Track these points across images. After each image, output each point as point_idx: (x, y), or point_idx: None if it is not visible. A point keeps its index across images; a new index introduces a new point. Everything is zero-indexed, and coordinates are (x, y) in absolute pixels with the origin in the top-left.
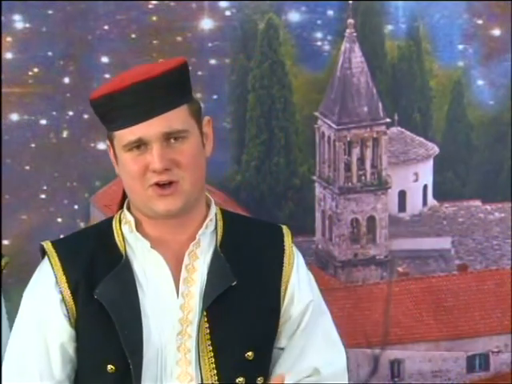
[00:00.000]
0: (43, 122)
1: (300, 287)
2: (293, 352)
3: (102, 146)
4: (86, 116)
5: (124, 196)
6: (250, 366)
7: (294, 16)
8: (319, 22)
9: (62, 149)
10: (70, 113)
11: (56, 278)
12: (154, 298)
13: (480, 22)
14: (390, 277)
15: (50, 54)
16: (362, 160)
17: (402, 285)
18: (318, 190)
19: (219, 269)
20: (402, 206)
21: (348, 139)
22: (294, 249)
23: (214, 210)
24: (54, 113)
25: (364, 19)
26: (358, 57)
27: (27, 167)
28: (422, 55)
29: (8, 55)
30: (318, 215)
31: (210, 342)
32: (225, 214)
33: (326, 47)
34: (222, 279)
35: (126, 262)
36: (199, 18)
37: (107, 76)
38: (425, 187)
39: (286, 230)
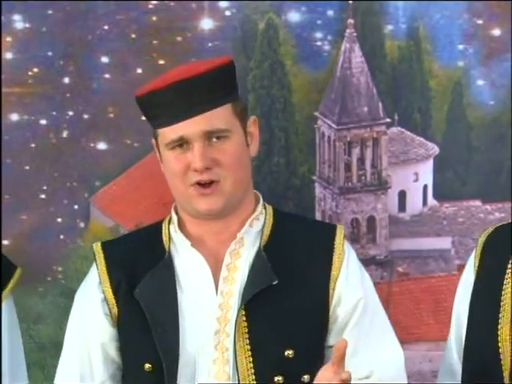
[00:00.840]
0: (43, 122)
1: (348, 286)
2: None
3: (101, 145)
4: (85, 116)
5: None
6: (289, 364)
7: (294, 16)
8: (319, 21)
9: (62, 149)
10: (70, 113)
11: (100, 278)
12: (192, 297)
13: (480, 21)
14: (390, 277)
15: (49, 53)
16: (362, 160)
17: (401, 285)
18: (318, 190)
19: (261, 268)
20: (402, 206)
21: (348, 139)
22: (346, 247)
23: (259, 209)
24: (54, 113)
25: (364, 19)
26: (358, 57)
27: (27, 167)
28: (421, 55)
29: (8, 55)
30: (318, 215)
31: (248, 341)
32: (277, 213)
33: (326, 47)
34: (263, 278)
35: (169, 259)
36: (199, 18)
37: (107, 76)
38: (425, 187)
39: (340, 228)
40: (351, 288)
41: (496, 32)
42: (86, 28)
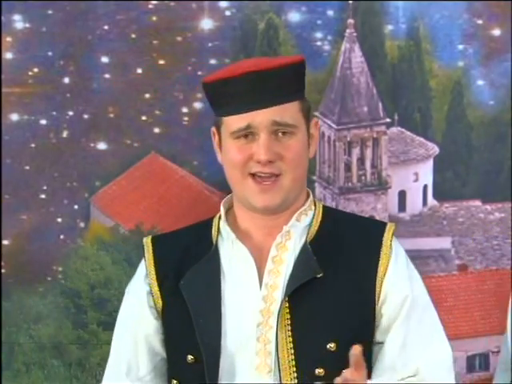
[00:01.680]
0: (43, 122)
1: (395, 283)
2: (392, 349)
3: (101, 145)
4: (86, 116)
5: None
6: (331, 357)
7: (294, 16)
8: (319, 21)
9: (62, 149)
10: (70, 113)
11: (147, 271)
12: (235, 289)
13: (480, 21)
14: None
15: (49, 53)
16: (362, 160)
17: None
18: (318, 190)
19: (306, 261)
20: (402, 206)
21: (348, 139)
22: (394, 244)
23: (308, 204)
24: (54, 113)
25: (364, 19)
26: (357, 57)
27: (27, 167)
28: (421, 55)
29: (8, 55)
30: None
31: (290, 333)
32: (326, 209)
33: (326, 47)
34: (307, 270)
35: (215, 252)
36: (199, 18)
37: (107, 76)
38: (425, 187)
39: (389, 226)
40: (398, 285)
41: (496, 32)
42: (86, 28)
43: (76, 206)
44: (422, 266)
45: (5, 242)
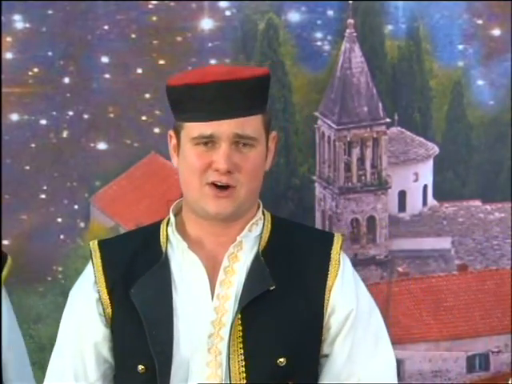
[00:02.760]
0: (43, 122)
1: (342, 296)
2: (338, 361)
3: (102, 145)
4: (86, 116)
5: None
6: (281, 372)
7: (293, 16)
8: (319, 22)
9: (62, 149)
10: (70, 113)
11: (95, 277)
12: (187, 299)
13: (480, 21)
14: (390, 277)
15: (50, 53)
16: (362, 160)
17: (402, 285)
18: (318, 190)
19: (258, 273)
20: (402, 206)
21: (348, 139)
22: (342, 256)
23: (259, 214)
24: (54, 113)
25: (364, 19)
26: (358, 57)
27: (27, 167)
28: (421, 55)
29: (8, 55)
30: (317, 215)
31: (241, 345)
32: (275, 219)
33: (326, 47)
34: (260, 283)
35: (165, 260)
36: (199, 18)
37: (107, 76)
38: (425, 187)
39: (337, 237)
40: (345, 298)
41: (496, 32)
42: (85, 28)
43: (76, 206)
44: (422, 266)
45: (5, 242)
